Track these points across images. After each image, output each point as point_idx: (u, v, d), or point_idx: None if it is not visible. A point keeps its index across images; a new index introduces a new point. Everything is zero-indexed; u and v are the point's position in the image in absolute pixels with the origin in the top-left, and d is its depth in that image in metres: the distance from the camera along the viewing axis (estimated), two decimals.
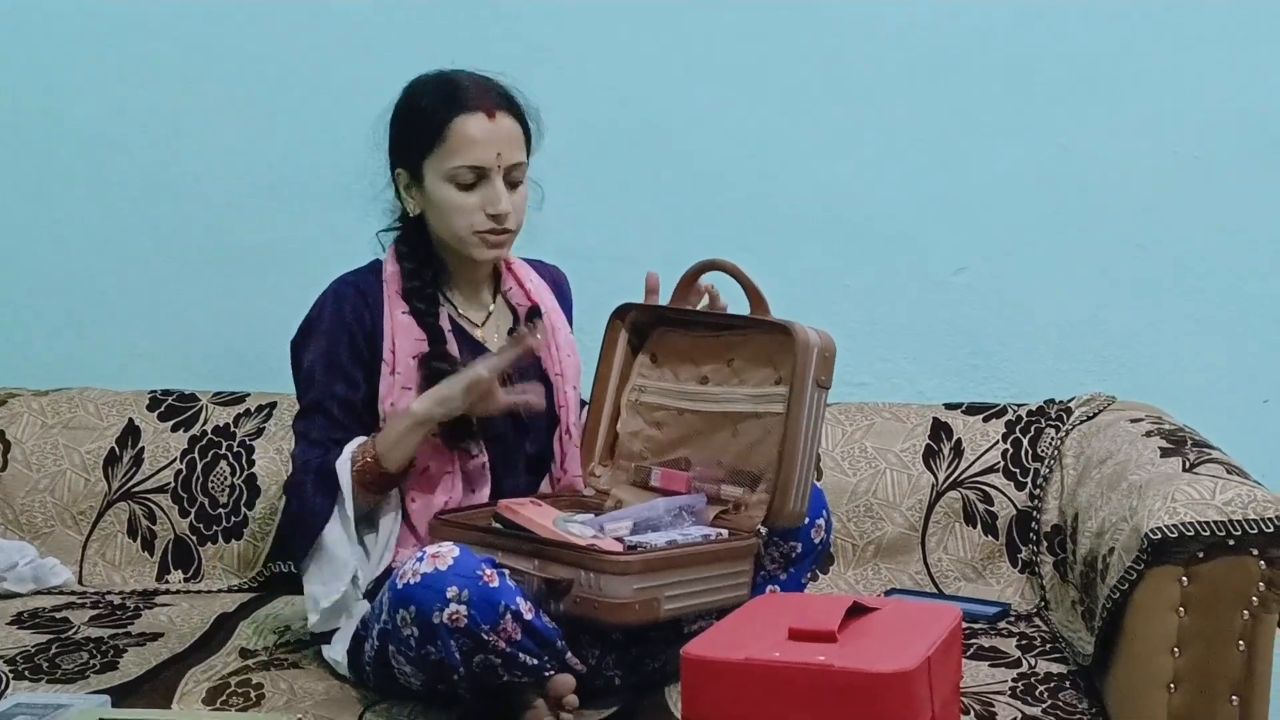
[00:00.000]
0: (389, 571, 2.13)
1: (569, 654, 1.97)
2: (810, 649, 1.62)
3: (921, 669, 1.59)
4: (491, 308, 2.29)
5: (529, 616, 1.88)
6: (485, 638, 1.84)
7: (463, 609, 1.84)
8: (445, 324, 2.21)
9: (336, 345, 2.17)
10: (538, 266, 2.39)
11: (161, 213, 2.94)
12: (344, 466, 2.09)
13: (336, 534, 2.10)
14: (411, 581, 1.86)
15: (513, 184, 2.15)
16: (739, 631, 1.75)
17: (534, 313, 2.30)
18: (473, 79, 2.18)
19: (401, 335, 2.17)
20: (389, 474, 2.10)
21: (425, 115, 2.15)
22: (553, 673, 1.94)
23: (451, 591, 1.84)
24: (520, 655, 1.88)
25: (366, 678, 2.08)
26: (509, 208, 2.13)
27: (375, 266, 2.25)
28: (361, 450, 2.10)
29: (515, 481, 2.26)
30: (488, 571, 1.87)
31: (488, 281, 2.30)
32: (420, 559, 1.88)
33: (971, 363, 2.80)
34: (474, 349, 2.21)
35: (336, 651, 2.14)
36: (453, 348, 2.19)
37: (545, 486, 2.32)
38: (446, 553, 1.88)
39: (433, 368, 2.15)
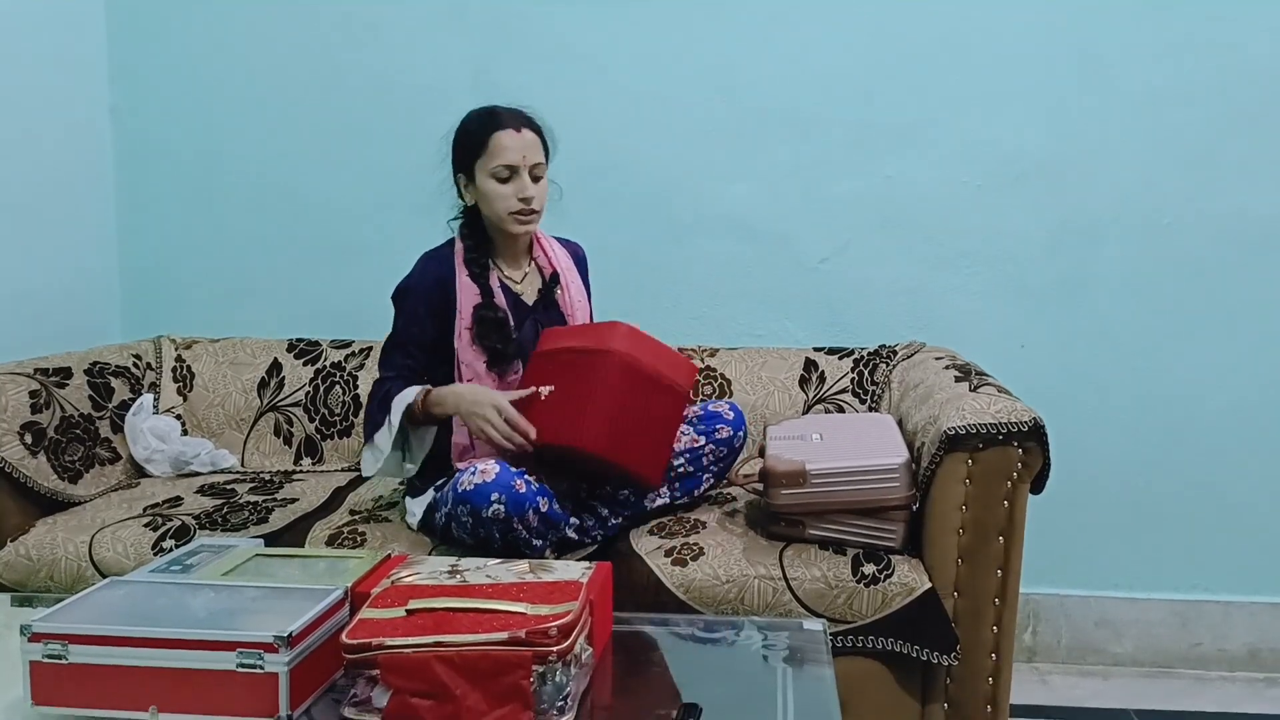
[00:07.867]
0: (445, 464, 2.10)
1: (567, 529, 1.97)
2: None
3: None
4: (527, 270, 2.19)
5: (544, 510, 1.88)
6: (515, 525, 1.85)
7: (501, 508, 1.84)
8: (494, 284, 2.12)
9: (418, 302, 2.09)
10: (563, 242, 2.28)
11: (293, 219, 2.89)
12: (399, 403, 2.02)
13: (382, 436, 2.05)
14: (467, 489, 1.86)
15: (535, 178, 2.07)
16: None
17: (554, 277, 2.20)
18: (506, 108, 2.10)
19: (466, 292, 2.09)
20: (429, 421, 2.05)
21: (474, 134, 2.07)
22: (554, 540, 1.96)
23: (494, 496, 1.84)
24: (534, 540, 1.89)
25: (435, 534, 2.06)
26: (534, 194, 2.05)
27: (452, 241, 2.16)
28: (418, 398, 2.02)
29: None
30: (518, 482, 1.86)
31: (525, 252, 2.20)
32: (474, 472, 1.87)
33: (831, 321, 2.79)
34: (514, 300, 2.14)
35: (416, 508, 2.12)
36: (500, 299, 2.11)
37: None
38: (490, 469, 1.87)
39: (480, 315, 2.09)
